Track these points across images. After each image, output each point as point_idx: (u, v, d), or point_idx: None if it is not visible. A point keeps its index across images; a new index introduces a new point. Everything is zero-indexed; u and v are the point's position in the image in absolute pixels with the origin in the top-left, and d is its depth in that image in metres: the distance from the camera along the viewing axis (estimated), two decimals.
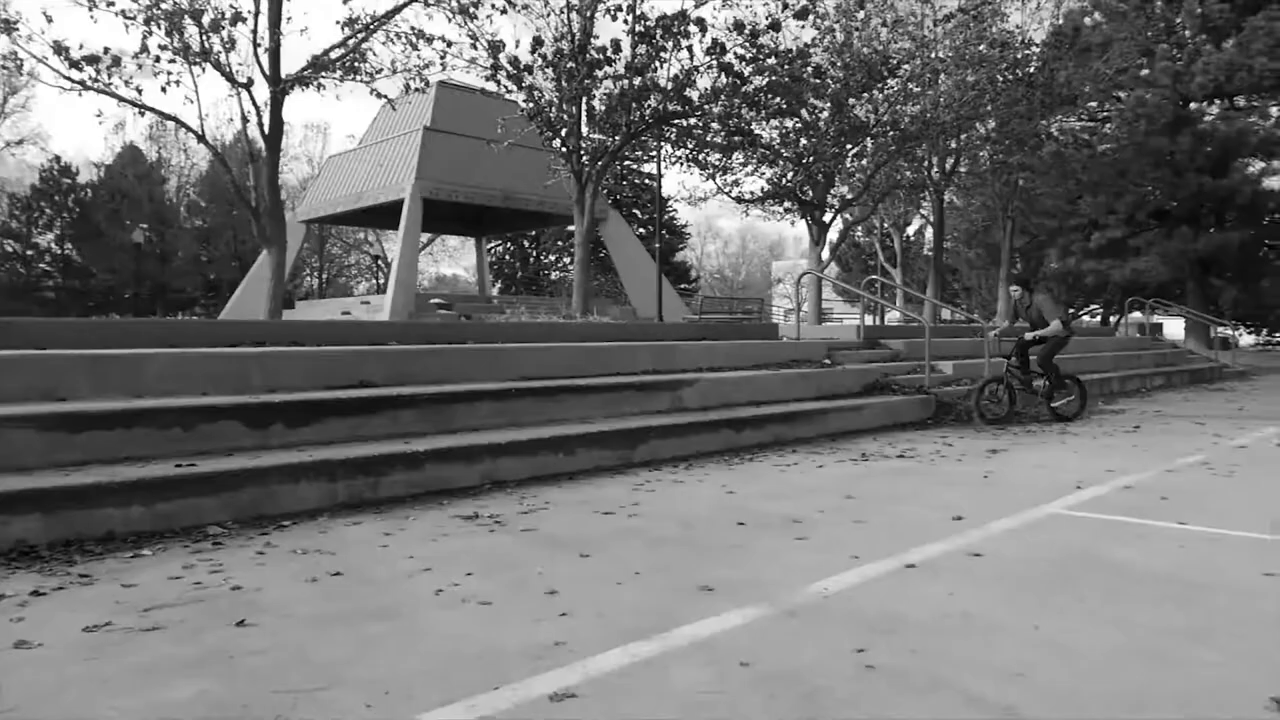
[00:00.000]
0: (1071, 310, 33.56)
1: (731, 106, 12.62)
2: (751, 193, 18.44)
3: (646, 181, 51.24)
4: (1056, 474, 6.48)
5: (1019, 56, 18.56)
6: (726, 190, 18.06)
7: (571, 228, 37.08)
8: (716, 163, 16.96)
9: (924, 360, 11.27)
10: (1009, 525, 4.76)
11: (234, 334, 7.17)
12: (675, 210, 57.97)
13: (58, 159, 50.77)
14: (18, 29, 7.50)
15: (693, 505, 5.31)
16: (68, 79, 8.13)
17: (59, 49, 7.74)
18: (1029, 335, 10.15)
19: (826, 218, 18.65)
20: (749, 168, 17.73)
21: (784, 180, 17.63)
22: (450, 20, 9.35)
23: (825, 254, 18.57)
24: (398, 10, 8.88)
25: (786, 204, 18.46)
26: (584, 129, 12.22)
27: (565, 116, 12.01)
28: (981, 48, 17.47)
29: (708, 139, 15.13)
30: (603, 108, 12.03)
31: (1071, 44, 19.82)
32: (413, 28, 9.02)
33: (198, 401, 5.59)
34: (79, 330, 6.50)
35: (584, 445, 6.64)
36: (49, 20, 7.61)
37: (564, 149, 12.37)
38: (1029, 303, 10.33)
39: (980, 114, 18.27)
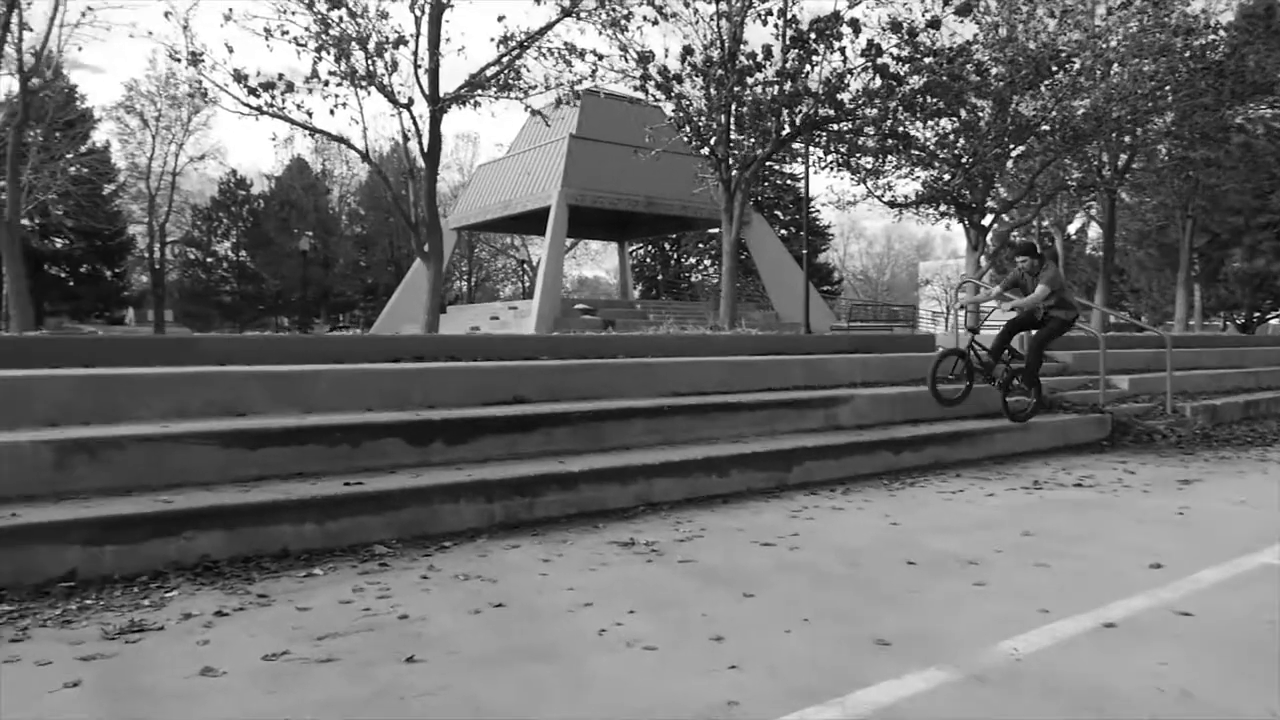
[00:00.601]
0: (1257, 315, 30.88)
1: (886, 109, 12.14)
2: (905, 196, 17.76)
3: (788, 182, 50.53)
4: (1265, 513, 5.85)
5: (1204, 42, 17.09)
6: (878, 194, 17.46)
7: (714, 231, 36.94)
8: (868, 166, 16.39)
9: (1097, 374, 10.50)
10: (1218, 577, 4.28)
11: (395, 349, 7.38)
12: (818, 211, 56.92)
13: (234, 172, 54.50)
14: (203, 60, 8.02)
15: (856, 537, 5.06)
16: (246, 105, 8.62)
17: (239, 77, 8.23)
18: (1005, 305, 8.63)
19: (985, 221, 17.73)
20: (902, 170, 17.07)
21: (940, 183, 16.88)
22: (600, 33, 9.40)
23: (983, 260, 17.66)
24: (550, 27, 8.99)
25: (942, 207, 17.67)
26: (732, 136, 12.04)
27: (714, 125, 11.87)
28: (1161, 35, 16.18)
29: (859, 143, 14.64)
30: (752, 114, 11.81)
31: (1266, 25, 18.14)
32: (565, 43, 9.12)
33: (363, 419, 5.75)
34: (257, 346, 6.83)
35: (737, 466, 6.48)
36: (230, 51, 8.08)
37: (712, 157, 12.23)
38: (1037, 272, 8.58)
39: (1159, 107, 16.95)
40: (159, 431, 5.02)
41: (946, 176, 16.59)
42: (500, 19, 9.28)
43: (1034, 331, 8.71)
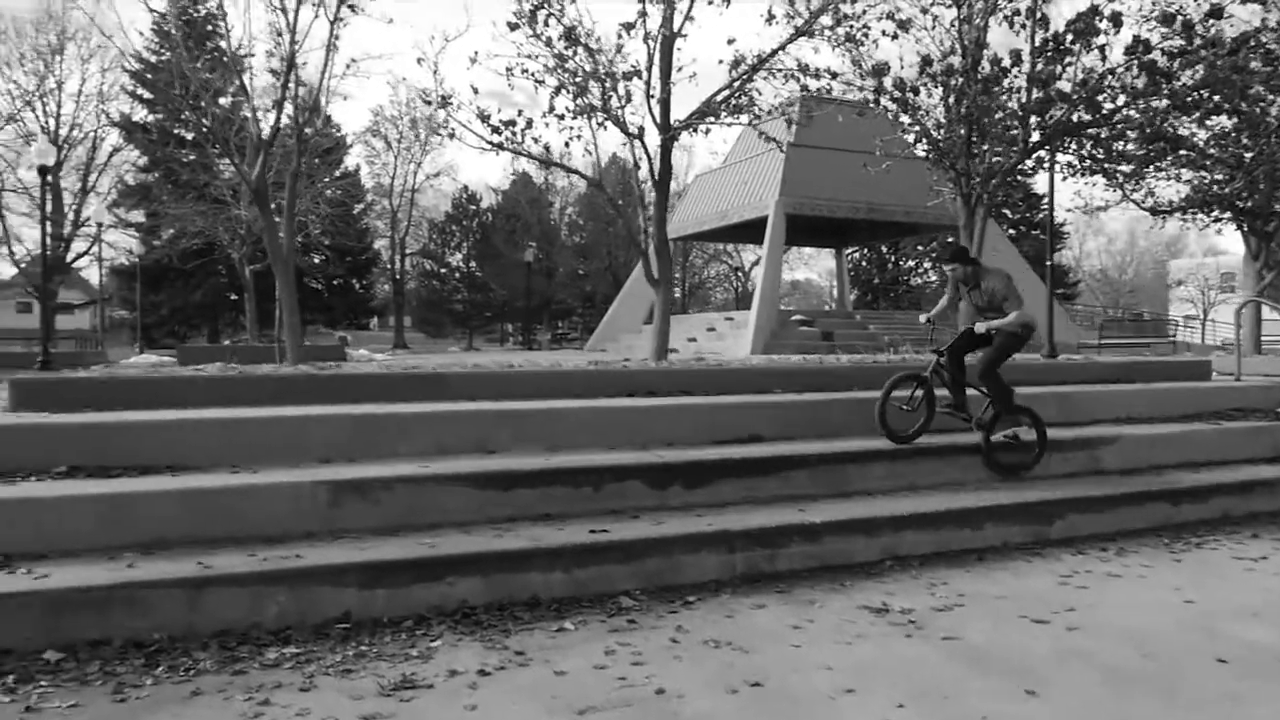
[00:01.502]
0: None
1: (1152, 110, 10.97)
2: (1171, 201, 16.01)
3: (1016, 179, 47.46)
4: None
5: None
6: (1139, 201, 15.84)
7: (939, 235, 35.15)
8: (1126, 171, 14.91)
9: None
10: None
11: (630, 383, 7.42)
12: (1055, 212, 53.07)
13: (465, 188, 58.05)
14: (452, 103, 8.49)
15: (1144, 618, 4.50)
16: (488, 141, 9.03)
17: (483, 117, 8.64)
18: (980, 327, 6.64)
19: (1270, 227, 15.66)
20: (1166, 174, 15.39)
21: (1213, 186, 15.09)
22: (834, 50, 9.11)
23: (1264, 271, 15.58)
24: (782, 47, 8.78)
25: (1215, 213, 15.77)
26: (974, 148, 11.31)
27: (954, 137, 11.20)
28: None
29: (1119, 148, 13.32)
30: (997, 124, 11.05)
31: None
32: (797, 61, 8.88)
33: (605, 460, 5.79)
34: (502, 380, 7.07)
35: (991, 519, 5.99)
36: (475, 92, 8.48)
37: (951, 170, 11.55)
38: (974, 282, 6.84)
39: None
40: (421, 472, 5.26)
41: (1220, 179, 14.81)
42: (729, 42, 9.21)
43: (978, 353, 6.85)
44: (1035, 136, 11.36)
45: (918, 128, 11.46)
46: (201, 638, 4.03)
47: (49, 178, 22.19)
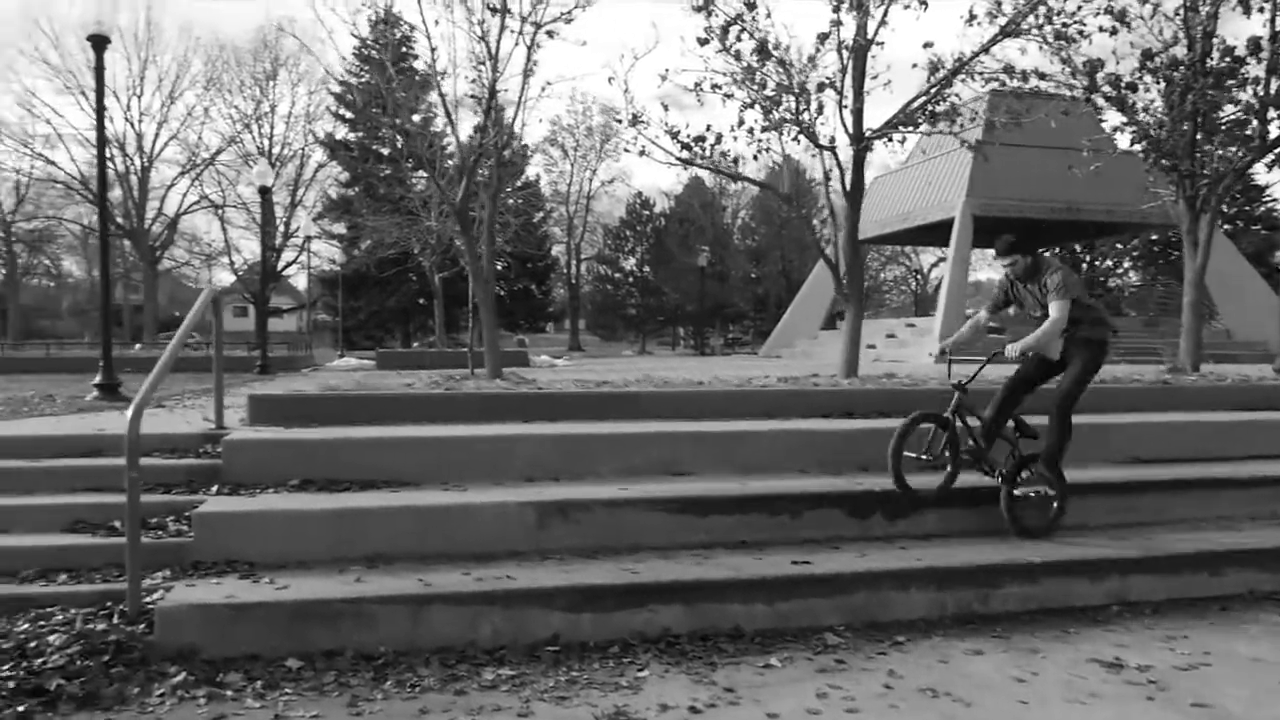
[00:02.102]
0: None
1: None
2: None
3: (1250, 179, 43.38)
4: None
5: None
6: None
7: (1143, 233, 32.45)
8: None
9: None
10: None
11: (824, 404, 7.24)
12: (1276, 199, 48.32)
13: (639, 194, 58.91)
14: (644, 121, 8.59)
15: None
16: (676, 157, 9.07)
17: (673, 134, 8.68)
18: (1012, 350, 5.46)
19: None
20: None
21: None
22: (1040, 48, 8.55)
23: None
24: (985, 49, 8.32)
25: None
26: (1198, 147, 10.33)
27: (1177, 135, 10.28)
28: None
29: None
30: (1229, 121, 10.06)
31: None
32: (1002, 62, 8.39)
33: (803, 487, 5.66)
34: (690, 400, 7.07)
35: (1234, 564, 5.42)
36: (665, 109, 8.54)
37: (1174, 172, 10.60)
38: (1037, 279, 5.54)
39: None
40: (619, 495, 5.32)
41: None
42: (925, 45, 8.83)
43: (1058, 379, 5.63)
44: (1276, 132, 10.21)
45: (1134, 127, 10.58)
46: (423, 653, 4.22)
47: (267, 195, 24.19)
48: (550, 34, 9.43)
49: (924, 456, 5.40)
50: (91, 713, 3.61)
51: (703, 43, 8.55)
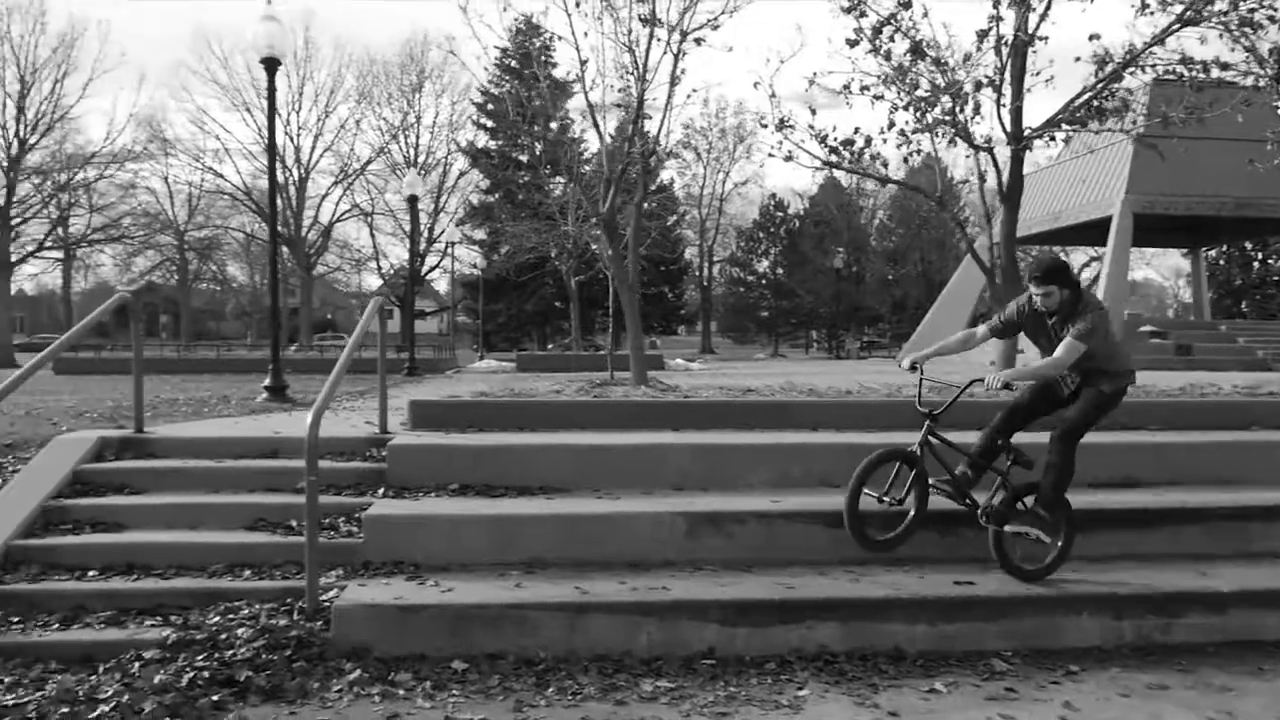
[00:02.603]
0: None
1: None
2: None
3: None
4: None
5: None
6: None
7: None
8: None
9: None
10: None
11: (988, 413, 6.94)
12: None
13: (773, 196, 58.33)
14: (791, 126, 8.48)
15: None
16: (824, 162, 8.92)
17: (820, 138, 8.54)
18: (996, 379, 4.73)
19: None
20: None
21: None
22: (1222, 36, 7.91)
23: None
24: (1160, 39, 7.77)
25: None
26: None
27: None
28: None
29: None
30: None
31: None
32: (1172, 52, 7.83)
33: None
34: (835, 410, 6.93)
35: None
36: (813, 113, 8.40)
37: None
38: (1070, 319, 4.79)
39: None
40: (772, 508, 5.26)
41: None
42: (1092, 38, 8.35)
43: (1065, 414, 5.00)
44: None
45: None
46: (581, 661, 4.28)
47: (414, 204, 25.23)
48: (698, 41, 9.44)
49: (885, 499, 4.82)
50: (277, 705, 3.83)
51: (852, 44, 8.37)
